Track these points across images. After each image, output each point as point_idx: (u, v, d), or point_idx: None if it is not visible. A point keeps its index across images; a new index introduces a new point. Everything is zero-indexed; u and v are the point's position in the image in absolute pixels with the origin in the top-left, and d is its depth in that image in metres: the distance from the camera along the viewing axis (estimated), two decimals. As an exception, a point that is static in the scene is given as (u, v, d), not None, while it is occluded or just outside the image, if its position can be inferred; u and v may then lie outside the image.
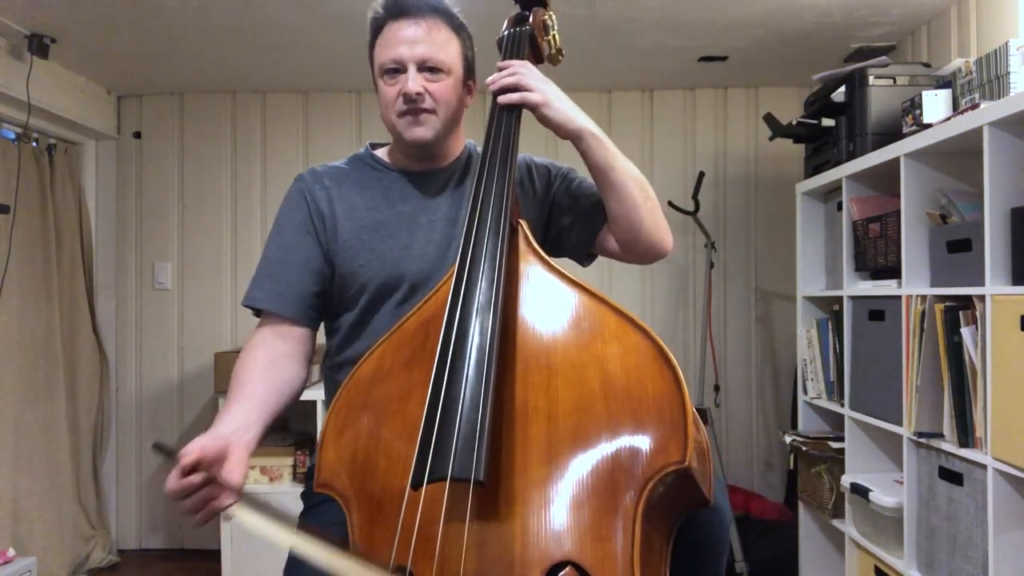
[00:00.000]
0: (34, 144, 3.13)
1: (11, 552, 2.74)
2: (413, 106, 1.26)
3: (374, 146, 1.45)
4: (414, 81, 1.25)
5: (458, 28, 1.32)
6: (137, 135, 3.63)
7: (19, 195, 2.94)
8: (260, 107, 3.64)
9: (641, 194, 1.28)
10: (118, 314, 3.63)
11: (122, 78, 3.40)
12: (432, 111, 1.28)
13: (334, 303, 1.36)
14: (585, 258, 1.43)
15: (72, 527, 3.20)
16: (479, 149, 1.39)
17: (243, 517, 0.95)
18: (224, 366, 3.00)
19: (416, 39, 1.26)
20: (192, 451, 0.99)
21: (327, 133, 3.62)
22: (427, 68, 1.27)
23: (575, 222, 1.39)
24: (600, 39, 2.96)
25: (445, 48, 1.28)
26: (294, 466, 3.13)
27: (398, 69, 1.27)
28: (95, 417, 3.41)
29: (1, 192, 2.89)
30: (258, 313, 1.33)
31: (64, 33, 2.80)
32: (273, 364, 1.25)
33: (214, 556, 3.05)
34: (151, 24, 2.75)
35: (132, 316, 3.63)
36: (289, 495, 3.03)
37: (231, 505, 0.97)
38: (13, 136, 3.03)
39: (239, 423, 1.12)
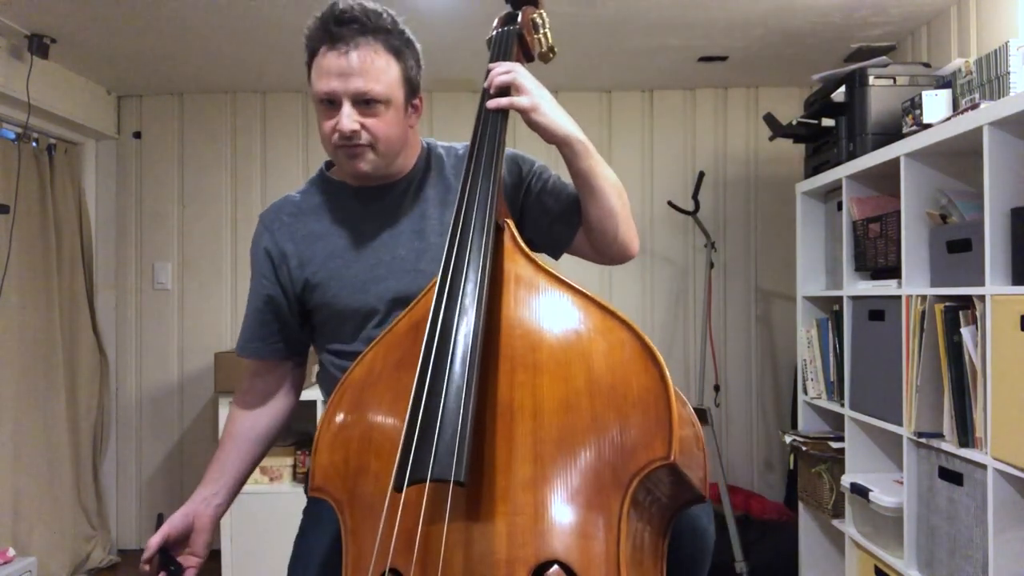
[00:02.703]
0: (34, 144, 3.12)
1: (11, 552, 2.74)
2: (348, 143, 1.21)
3: (329, 165, 1.39)
4: (348, 119, 1.19)
5: (398, 50, 1.23)
6: (137, 135, 3.63)
7: (19, 195, 2.94)
8: (260, 107, 3.64)
9: (619, 202, 1.28)
10: (118, 314, 3.62)
11: (122, 78, 3.40)
12: (369, 146, 1.23)
13: (319, 330, 1.35)
14: (557, 253, 1.41)
15: (72, 527, 3.20)
16: (440, 148, 1.38)
17: None
18: (224, 366, 2.99)
19: (349, 71, 1.18)
20: (151, 546, 1.20)
21: (327, 133, 3.60)
22: (362, 101, 1.20)
23: (554, 222, 1.36)
24: (600, 39, 2.96)
25: (382, 78, 1.20)
26: (294, 466, 3.14)
27: (332, 102, 1.20)
28: (95, 417, 3.41)
29: (1, 192, 2.89)
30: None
31: (64, 33, 2.80)
32: (251, 416, 1.37)
33: (214, 556, 3.04)
34: (151, 24, 2.74)
35: (132, 316, 3.63)
36: (289, 495, 3.03)
37: None
38: (13, 136, 3.03)
39: (210, 491, 1.30)
